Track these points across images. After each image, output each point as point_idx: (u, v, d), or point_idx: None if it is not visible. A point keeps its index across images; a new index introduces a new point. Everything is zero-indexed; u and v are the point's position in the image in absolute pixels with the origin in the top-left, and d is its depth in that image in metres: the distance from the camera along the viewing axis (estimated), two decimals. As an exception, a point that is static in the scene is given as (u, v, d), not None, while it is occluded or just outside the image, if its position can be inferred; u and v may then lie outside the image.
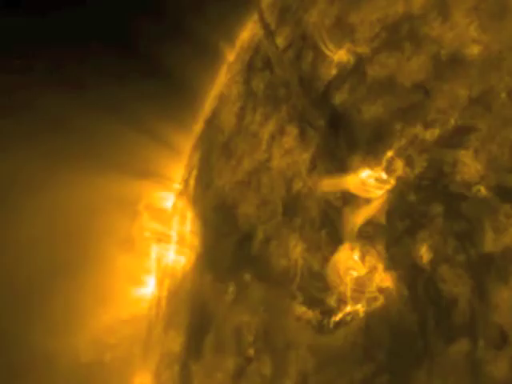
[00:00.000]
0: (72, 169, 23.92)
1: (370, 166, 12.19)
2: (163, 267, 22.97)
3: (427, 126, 11.40)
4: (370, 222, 11.61)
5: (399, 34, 13.29)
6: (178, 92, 26.17)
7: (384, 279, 10.90)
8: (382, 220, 11.37)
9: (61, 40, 24.36)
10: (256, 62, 20.98)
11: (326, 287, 12.09)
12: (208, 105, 26.22)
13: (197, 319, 17.48)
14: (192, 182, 23.30)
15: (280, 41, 18.82)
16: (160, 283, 22.84)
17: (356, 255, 11.70)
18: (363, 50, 14.21)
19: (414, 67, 12.46)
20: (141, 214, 24.64)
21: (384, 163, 11.89)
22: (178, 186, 25.50)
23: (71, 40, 24.85)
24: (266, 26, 19.16)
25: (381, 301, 10.83)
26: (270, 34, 18.83)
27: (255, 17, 23.71)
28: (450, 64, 11.66)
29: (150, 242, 24.17)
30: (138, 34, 25.59)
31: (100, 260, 22.91)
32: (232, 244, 16.64)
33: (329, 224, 12.89)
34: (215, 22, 25.92)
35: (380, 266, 11.06)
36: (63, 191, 23.25)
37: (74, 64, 24.53)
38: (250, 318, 14.41)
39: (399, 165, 11.52)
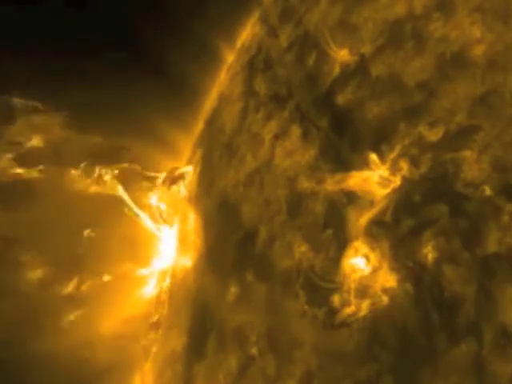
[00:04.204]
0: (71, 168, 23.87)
1: (374, 166, 12.19)
2: (165, 266, 22.95)
3: (431, 125, 11.40)
4: (374, 222, 11.60)
5: (402, 34, 13.26)
6: (178, 92, 26.07)
7: (388, 279, 10.89)
8: (387, 220, 11.36)
9: (60, 39, 24.29)
10: (257, 62, 20.92)
11: (330, 287, 12.07)
12: (208, 104, 26.16)
13: (199, 319, 17.45)
14: (194, 181, 23.27)
15: (282, 40, 18.77)
16: (162, 283, 22.81)
17: (360, 255, 11.69)
18: (366, 49, 14.18)
19: (417, 67, 12.45)
20: (141, 213, 24.60)
21: (388, 163, 11.90)
22: (179, 185, 25.44)
23: (70, 39, 24.77)
24: (268, 25, 19.12)
25: (385, 300, 10.82)
26: (272, 33, 18.79)
27: (256, 16, 23.69)
28: (454, 63, 11.66)
29: (151, 241, 24.13)
30: (138, 34, 25.50)
31: (100, 259, 22.87)
32: (234, 243, 16.60)
33: (333, 224, 12.86)
34: (215, 21, 25.84)
35: (384, 266, 11.05)
36: (62, 190, 23.21)
37: (73, 64, 24.43)
38: (253, 317, 14.38)
39: (404, 164, 11.52)
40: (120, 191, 24.22)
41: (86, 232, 23.32)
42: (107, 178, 24.02)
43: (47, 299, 22.17)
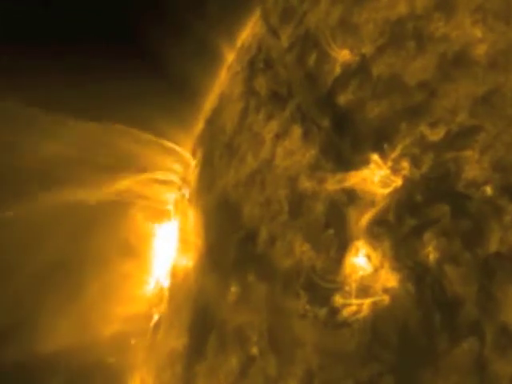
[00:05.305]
0: (70, 168, 23.87)
1: (376, 166, 12.19)
2: (165, 267, 22.96)
3: (433, 125, 11.39)
4: (375, 222, 11.60)
5: (404, 33, 13.27)
6: (179, 91, 26.12)
7: (390, 279, 10.88)
8: (388, 219, 11.36)
9: (61, 38, 24.30)
10: (258, 62, 20.95)
11: (331, 287, 12.06)
12: (209, 104, 26.20)
13: (199, 319, 17.44)
14: (194, 181, 23.30)
15: (283, 40, 18.79)
16: (162, 283, 22.84)
17: (361, 255, 11.69)
18: (367, 49, 14.19)
19: (418, 66, 12.45)
20: (141, 213, 24.62)
21: (389, 162, 11.89)
22: (179, 185, 25.49)
23: (71, 38, 24.79)
24: (268, 25, 19.14)
25: (386, 300, 10.81)
26: (272, 33, 18.80)
27: (256, 16, 23.71)
28: (456, 63, 11.65)
29: (152, 241, 24.16)
30: (138, 34, 25.53)
31: (101, 259, 22.88)
32: (235, 243, 16.60)
33: (334, 223, 12.85)
34: (215, 21, 25.88)
35: (386, 266, 11.04)
36: (62, 190, 23.22)
37: (74, 63, 24.43)
38: (254, 317, 14.37)
39: (405, 164, 11.51)
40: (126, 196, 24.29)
41: (86, 235, 23.36)
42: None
43: (45, 300, 22.18)
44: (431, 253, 10.28)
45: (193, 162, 24.84)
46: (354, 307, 11.37)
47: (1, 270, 21.26)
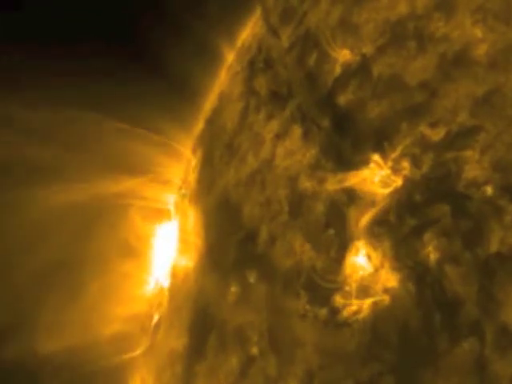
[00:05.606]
0: (71, 168, 23.86)
1: (376, 166, 12.19)
2: (165, 267, 22.94)
3: (433, 125, 11.40)
4: (376, 222, 11.60)
5: (404, 34, 13.27)
6: (179, 91, 26.08)
7: (390, 279, 10.89)
8: (389, 219, 11.36)
9: (61, 39, 24.28)
10: (258, 62, 20.95)
11: (332, 287, 12.06)
12: (209, 104, 26.18)
13: (200, 319, 17.43)
14: (194, 181, 23.27)
15: (283, 40, 18.78)
16: (162, 283, 22.82)
17: (362, 254, 11.69)
18: (368, 49, 14.18)
19: (419, 66, 12.46)
20: (142, 213, 24.57)
21: (390, 163, 11.89)
22: (179, 185, 25.47)
23: (71, 39, 24.76)
24: (268, 25, 19.12)
25: (387, 300, 10.82)
26: (273, 33, 18.79)
27: (257, 16, 23.71)
28: (456, 63, 11.66)
29: (152, 242, 24.13)
30: (138, 34, 25.51)
31: (102, 259, 22.86)
32: (235, 243, 16.59)
33: (334, 223, 12.86)
34: (215, 21, 25.86)
35: (386, 266, 11.05)
36: (63, 190, 23.20)
37: (75, 63, 24.40)
38: (254, 317, 14.37)
39: (405, 164, 11.52)
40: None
41: (87, 235, 23.35)
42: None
43: (46, 299, 22.17)
44: (431, 253, 10.29)
45: (193, 162, 24.81)
46: (355, 307, 11.37)
47: (2, 269, 21.25)
